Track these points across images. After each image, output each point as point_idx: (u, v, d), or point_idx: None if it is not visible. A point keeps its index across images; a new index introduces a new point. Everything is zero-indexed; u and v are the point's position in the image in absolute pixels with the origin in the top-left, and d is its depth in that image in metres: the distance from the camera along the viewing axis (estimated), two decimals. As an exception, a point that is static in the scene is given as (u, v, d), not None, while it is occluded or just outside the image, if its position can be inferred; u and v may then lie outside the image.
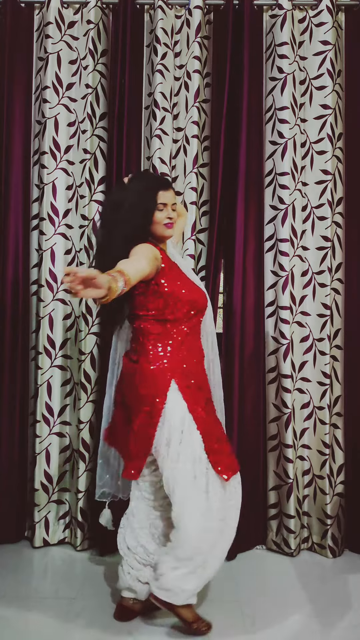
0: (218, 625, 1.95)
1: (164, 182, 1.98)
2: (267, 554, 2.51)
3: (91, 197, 2.52)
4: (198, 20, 2.52)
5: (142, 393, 1.87)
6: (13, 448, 2.52)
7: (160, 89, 2.50)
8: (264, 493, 2.56)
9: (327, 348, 2.50)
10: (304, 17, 2.59)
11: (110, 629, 1.92)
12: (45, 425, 2.53)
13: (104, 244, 1.93)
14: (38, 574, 2.32)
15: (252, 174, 2.53)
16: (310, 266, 2.56)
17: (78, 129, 2.59)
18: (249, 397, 2.51)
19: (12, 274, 2.54)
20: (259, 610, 2.04)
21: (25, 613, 2.01)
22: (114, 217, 1.91)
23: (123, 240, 1.86)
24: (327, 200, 2.51)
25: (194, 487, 1.82)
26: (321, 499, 2.50)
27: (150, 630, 1.93)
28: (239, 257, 2.47)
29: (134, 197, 1.90)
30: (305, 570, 2.36)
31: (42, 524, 2.52)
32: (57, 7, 2.56)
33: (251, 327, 2.52)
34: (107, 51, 2.58)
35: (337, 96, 2.54)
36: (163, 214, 1.92)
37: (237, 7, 2.53)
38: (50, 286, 2.54)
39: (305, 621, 1.99)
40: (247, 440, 2.50)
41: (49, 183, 2.54)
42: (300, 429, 2.56)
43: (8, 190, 2.54)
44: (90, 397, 2.48)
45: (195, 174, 2.50)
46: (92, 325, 2.49)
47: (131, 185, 1.98)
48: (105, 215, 2.02)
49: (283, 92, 2.50)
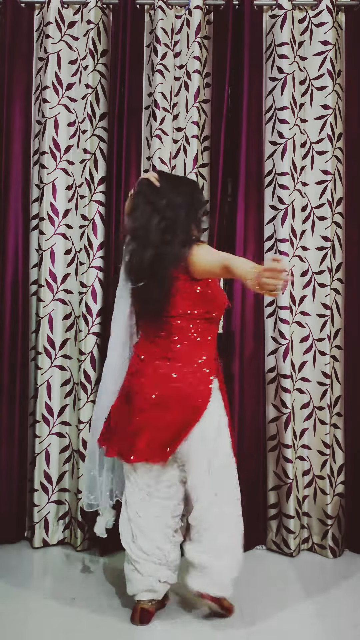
0: (218, 625, 1.95)
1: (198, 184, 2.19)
2: (267, 554, 2.51)
3: (91, 197, 2.52)
4: (198, 20, 2.52)
5: (188, 391, 1.91)
6: (13, 448, 2.51)
7: (160, 89, 2.50)
8: (264, 493, 2.56)
9: (327, 348, 2.50)
10: (304, 17, 2.59)
11: (110, 629, 1.92)
12: (45, 426, 2.53)
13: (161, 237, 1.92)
14: (38, 574, 2.32)
15: (252, 174, 2.53)
16: (310, 266, 2.57)
17: (78, 129, 2.59)
18: (248, 397, 2.51)
19: (12, 274, 2.54)
20: (259, 610, 2.04)
21: (25, 613, 2.01)
22: (174, 214, 1.93)
23: (184, 238, 1.93)
24: (327, 200, 2.51)
25: (229, 477, 1.95)
26: (322, 499, 2.50)
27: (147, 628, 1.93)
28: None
29: (193, 197, 2.02)
30: (305, 571, 2.36)
31: (42, 524, 2.52)
32: (57, 7, 2.56)
33: (251, 327, 2.52)
34: (107, 51, 2.58)
35: (337, 96, 2.54)
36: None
37: (237, 7, 2.53)
38: (50, 286, 2.54)
39: (305, 621, 1.99)
40: (247, 440, 2.50)
41: (49, 183, 2.54)
42: (300, 429, 2.56)
43: (8, 190, 2.54)
44: (90, 397, 2.48)
45: (195, 174, 2.50)
46: (92, 325, 2.49)
47: (182, 188, 2.04)
48: (159, 211, 1.96)
49: (283, 92, 2.50)
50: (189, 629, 1.94)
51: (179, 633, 1.92)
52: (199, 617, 2.00)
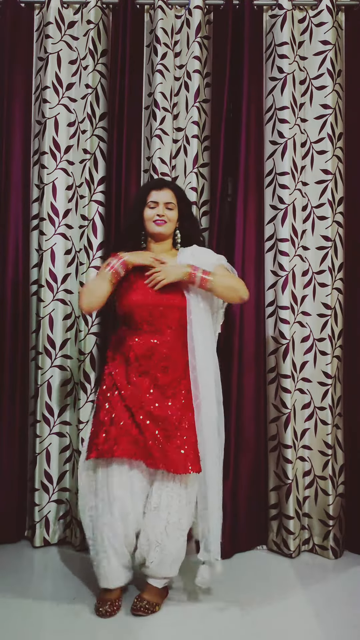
0: (218, 625, 1.95)
1: (157, 181, 2.16)
2: (267, 555, 2.51)
3: (91, 197, 2.52)
4: (198, 20, 2.52)
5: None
6: (13, 448, 2.52)
7: (160, 89, 2.50)
8: (265, 493, 2.56)
9: (327, 348, 2.50)
10: (304, 17, 2.59)
11: (111, 629, 1.92)
12: (46, 425, 2.53)
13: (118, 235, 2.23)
14: (38, 573, 2.32)
15: (252, 174, 2.53)
16: (310, 266, 2.56)
17: (78, 129, 2.59)
18: (249, 397, 2.51)
19: (12, 274, 2.55)
20: (259, 610, 2.04)
21: (25, 613, 2.01)
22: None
23: (123, 233, 2.18)
24: (327, 200, 2.51)
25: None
26: (323, 500, 2.50)
27: (147, 628, 1.93)
28: (239, 257, 2.47)
29: (134, 196, 2.16)
30: (306, 571, 2.35)
31: (43, 524, 2.52)
32: (57, 7, 2.56)
33: (252, 327, 2.52)
34: (107, 51, 2.59)
35: (337, 96, 2.54)
36: (153, 212, 2.07)
37: (237, 7, 2.53)
38: (50, 286, 2.54)
39: (305, 621, 1.99)
40: (248, 440, 2.50)
41: (49, 183, 2.54)
42: (301, 429, 2.56)
43: (8, 190, 2.55)
44: (90, 397, 2.48)
45: (195, 174, 2.50)
46: (92, 325, 2.49)
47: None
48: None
49: (283, 92, 2.49)
50: (188, 629, 1.94)
51: (179, 634, 1.92)
52: (199, 617, 2.00)
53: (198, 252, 2.12)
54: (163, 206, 2.06)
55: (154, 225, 2.07)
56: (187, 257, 2.08)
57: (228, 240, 2.53)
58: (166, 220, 2.07)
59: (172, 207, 2.08)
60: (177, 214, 2.12)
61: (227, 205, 2.56)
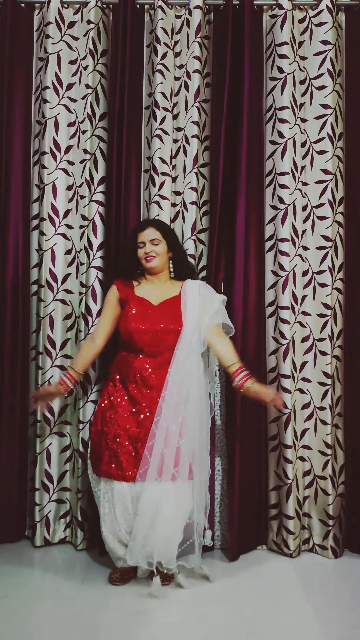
0: (218, 625, 1.95)
1: (140, 224, 2.36)
2: (268, 554, 2.51)
3: (91, 198, 2.52)
4: (198, 20, 2.52)
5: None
6: (14, 448, 2.52)
7: (161, 89, 2.50)
8: (266, 493, 2.56)
9: (327, 348, 2.50)
10: (304, 17, 2.59)
11: (111, 629, 1.92)
12: (46, 425, 2.53)
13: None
14: (39, 573, 2.32)
15: (253, 174, 2.53)
16: (310, 266, 2.56)
17: (78, 129, 2.59)
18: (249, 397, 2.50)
19: (12, 274, 2.55)
20: (259, 610, 2.04)
21: (25, 613, 2.01)
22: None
23: (123, 269, 2.35)
24: (327, 199, 2.51)
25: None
26: (323, 500, 2.50)
27: (147, 629, 1.94)
28: (240, 257, 2.47)
29: (125, 241, 2.38)
30: (306, 571, 2.35)
31: (43, 523, 2.52)
32: (57, 7, 2.56)
33: (253, 327, 2.52)
34: (107, 51, 2.59)
35: (337, 96, 2.54)
36: (142, 251, 2.28)
37: (237, 7, 2.53)
38: (51, 286, 2.54)
39: (305, 621, 1.99)
40: (248, 440, 2.50)
41: (49, 183, 2.55)
42: (301, 429, 2.56)
43: (8, 190, 2.55)
44: (90, 397, 2.48)
45: (195, 174, 2.50)
46: (92, 325, 2.49)
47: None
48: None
49: (283, 92, 2.49)
50: (188, 629, 1.94)
51: (179, 634, 1.92)
52: (199, 617, 2.00)
53: (204, 293, 2.27)
54: (149, 243, 2.26)
55: (146, 262, 2.27)
56: (194, 296, 2.25)
57: (228, 240, 2.53)
58: (154, 254, 2.26)
59: (158, 242, 2.27)
60: (165, 247, 2.29)
61: (227, 205, 2.56)
